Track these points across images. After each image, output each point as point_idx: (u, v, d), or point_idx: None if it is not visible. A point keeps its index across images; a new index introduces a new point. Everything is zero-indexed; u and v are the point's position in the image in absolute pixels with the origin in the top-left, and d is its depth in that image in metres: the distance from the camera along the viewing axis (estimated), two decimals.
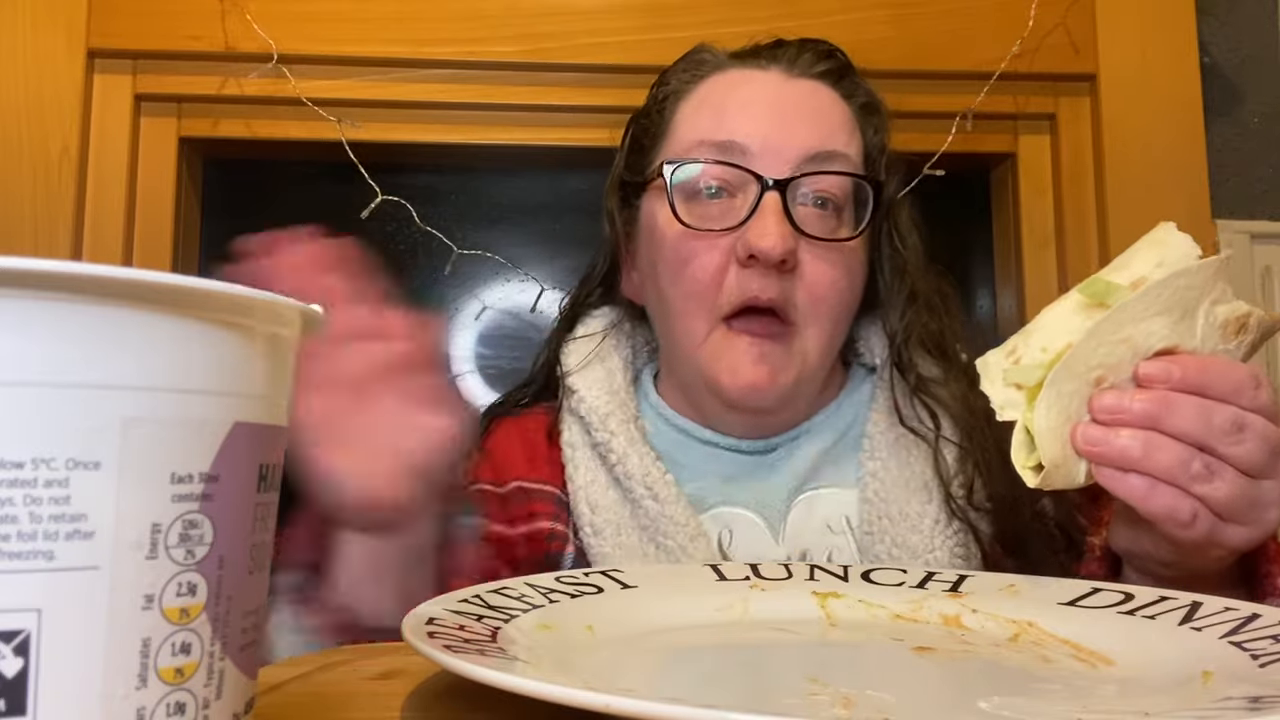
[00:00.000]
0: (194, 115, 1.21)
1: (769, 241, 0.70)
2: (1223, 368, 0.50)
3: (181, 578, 0.24)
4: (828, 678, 0.39)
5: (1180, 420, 0.49)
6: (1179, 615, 0.44)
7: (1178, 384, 0.49)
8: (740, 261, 0.72)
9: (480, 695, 0.34)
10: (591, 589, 0.50)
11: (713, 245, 0.73)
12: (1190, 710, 0.32)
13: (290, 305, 0.27)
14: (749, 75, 0.79)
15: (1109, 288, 0.50)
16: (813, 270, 0.73)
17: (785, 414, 0.78)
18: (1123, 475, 0.49)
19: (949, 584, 0.53)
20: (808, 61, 0.79)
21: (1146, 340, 0.49)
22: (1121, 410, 0.49)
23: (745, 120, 0.75)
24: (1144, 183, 1.23)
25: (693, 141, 0.76)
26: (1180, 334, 0.50)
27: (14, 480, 0.22)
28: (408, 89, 1.20)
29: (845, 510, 0.76)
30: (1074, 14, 1.23)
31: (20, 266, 0.22)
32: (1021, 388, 0.50)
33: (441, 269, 1.22)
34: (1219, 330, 0.50)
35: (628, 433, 0.77)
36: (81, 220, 1.16)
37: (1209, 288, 0.50)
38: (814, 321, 0.74)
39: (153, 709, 0.23)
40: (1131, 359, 0.49)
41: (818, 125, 0.76)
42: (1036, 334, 0.51)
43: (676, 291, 0.75)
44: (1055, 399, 0.49)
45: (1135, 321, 0.49)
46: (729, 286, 0.73)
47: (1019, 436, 0.50)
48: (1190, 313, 0.50)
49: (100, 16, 1.16)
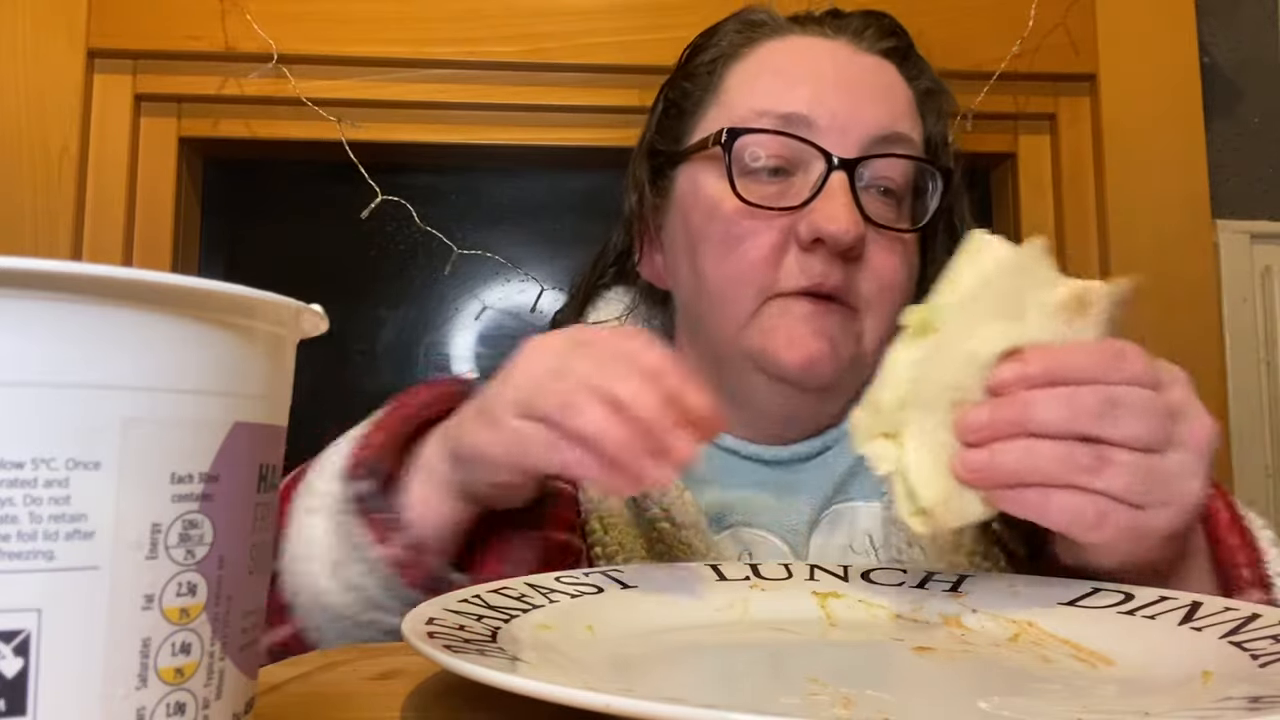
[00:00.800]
0: (194, 115, 1.21)
1: (839, 225, 0.64)
2: (1075, 349, 0.46)
3: (181, 578, 0.24)
4: (828, 678, 0.39)
5: (1046, 415, 0.45)
6: (1179, 615, 0.44)
7: (1034, 380, 0.45)
8: (802, 245, 0.66)
9: (480, 695, 0.34)
10: (591, 589, 0.50)
11: (771, 224, 0.67)
12: (1190, 710, 0.32)
13: (290, 305, 0.27)
14: (813, 43, 0.73)
15: (932, 311, 0.47)
16: (878, 259, 0.68)
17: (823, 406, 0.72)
18: (1015, 493, 0.45)
19: (949, 584, 0.53)
20: (874, 35, 0.73)
21: (989, 348, 0.46)
22: (984, 425, 0.45)
23: (813, 91, 0.69)
24: (1144, 183, 1.23)
25: (751, 110, 0.70)
26: (1020, 333, 0.47)
27: (14, 480, 0.22)
28: (408, 89, 1.20)
29: (868, 526, 0.71)
30: (1074, 14, 1.23)
31: (20, 266, 0.22)
32: (890, 436, 0.48)
33: (441, 269, 1.22)
34: (1057, 316, 0.47)
35: None
36: (81, 220, 1.16)
37: (1030, 277, 0.47)
38: (877, 310, 0.69)
39: (153, 709, 0.23)
40: (981, 373, 0.47)
41: (886, 104, 0.70)
42: (886, 383, 0.48)
43: (722, 273, 0.69)
44: (921, 436, 0.47)
45: (969, 335, 0.46)
46: (788, 269, 0.67)
47: (899, 488, 0.48)
48: (1020, 308, 0.47)
49: (100, 16, 1.16)
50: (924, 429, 0.47)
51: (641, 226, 0.78)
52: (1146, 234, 1.22)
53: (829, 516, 0.72)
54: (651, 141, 0.78)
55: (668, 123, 0.77)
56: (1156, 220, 1.22)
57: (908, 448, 0.47)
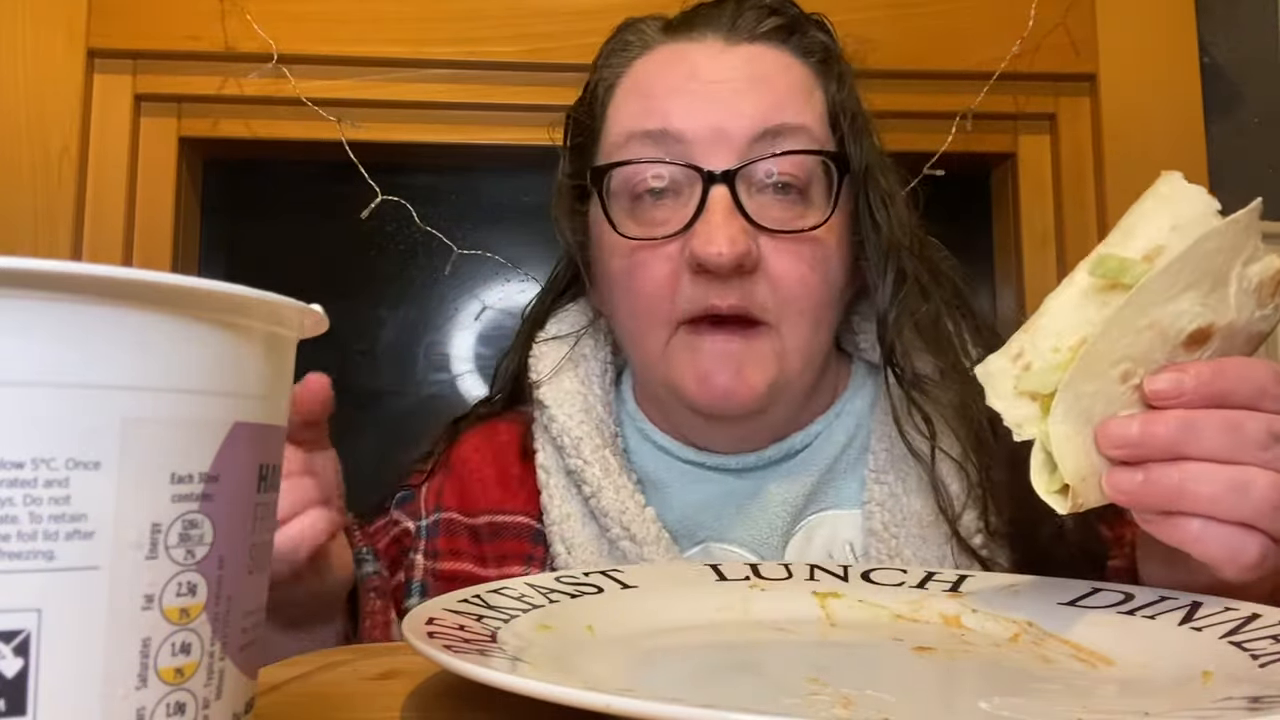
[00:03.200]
0: (194, 115, 1.21)
1: (714, 247, 0.61)
2: (1240, 370, 0.43)
3: (181, 578, 0.24)
4: (828, 678, 0.39)
5: (1210, 443, 0.41)
6: (1179, 615, 0.44)
7: (1192, 397, 0.42)
8: (691, 270, 0.63)
9: (480, 695, 0.34)
10: (591, 589, 0.50)
11: (659, 253, 0.64)
12: (1190, 710, 0.32)
13: (290, 305, 0.27)
14: (680, 50, 0.68)
15: (1122, 264, 0.42)
16: (777, 266, 0.64)
17: (771, 420, 0.69)
18: (1171, 521, 0.42)
19: (949, 584, 0.53)
20: (749, 21, 0.68)
21: (1176, 322, 0.42)
22: (1134, 441, 0.42)
23: (678, 103, 0.65)
24: (1144, 183, 1.21)
25: (623, 135, 0.67)
26: (1214, 308, 0.42)
27: (14, 480, 0.22)
28: (408, 89, 1.20)
29: (848, 535, 0.68)
30: (1074, 14, 1.23)
31: (20, 266, 0.22)
32: (1036, 397, 0.43)
33: (441, 269, 1.22)
34: (1254, 295, 0.43)
35: (603, 461, 0.69)
36: (81, 220, 1.16)
37: (1240, 247, 0.42)
38: (788, 319, 0.65)
39: (153, 709, 0.23)
40: (1161, 345, 0.42)
41: (764, 97, 0.65)
42: (1044, 330, 0.44)
43: (628, 305, 0.67)
44: (1074, 403, 0.42)
45: (1160, 303, 0.41)
46: (682, 296, 0.64)
47: (1038, 456, 0.43)
48: (1222, 281, 0.42)
49: (100, 16, 1.16)
50: (1079, 394, 0.42)
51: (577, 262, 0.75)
52: None
53: (804, 528, 0.69)
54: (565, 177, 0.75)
55: (573, 157, 0.75)
56: None
57: (1055, 414, 0.42)
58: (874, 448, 0.70)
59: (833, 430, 0.72)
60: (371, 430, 1.21)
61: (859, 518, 0.69)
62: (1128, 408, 0.43)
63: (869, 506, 0.68)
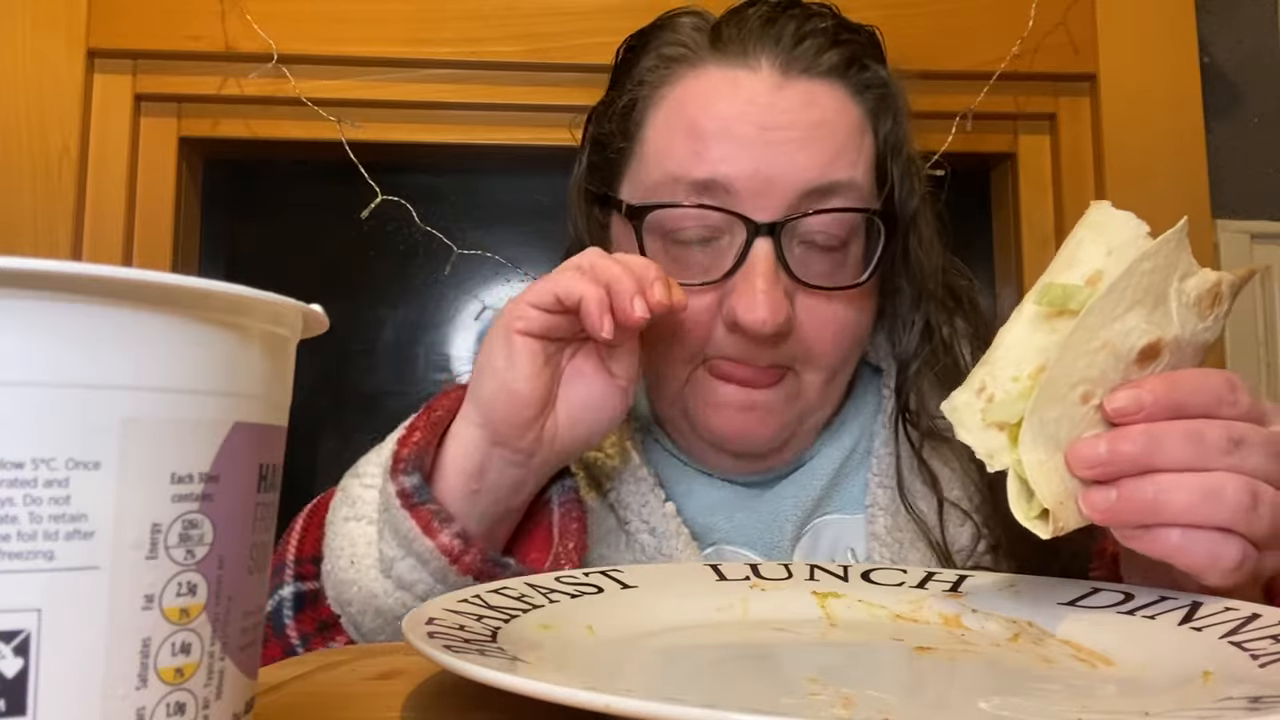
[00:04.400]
0: (194, 115, 1.21)
1: (757, 316, 0.60)
2: (1193, 380, 0.44)
3: (181, 578, 0.24)
4: (828, 678, 0.39)
5: (1174, 452, 0.42)
6: (1179, 615, 0.44)
7: (1152, 411, 0.43)
8: (727, 326, 0.63)
9: (480, 695, 0.34)
10: (591, 589, 0.50)
11: (696, 296, 0.63)
12: (1190, 710, 0.32)
13: (290, 305, 0.27)
14: (732, 79, 0.64)
15: (1066, 291, 0.44)
16: (811, 322, 0.64)
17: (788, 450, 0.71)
18: (1151, 534, 0.43)
19: (949, 584, 0.53)
20: (809, 52, 0.64)
21: (1126, 340, 0.43)
22: (1103, 460, 0.43)
23: (729, 150, 0.62)
24: (1144, 183, 1.23)
25: (666, 175, 0.64)
26: (1158, 323, 0.44)
27: (14, 480, 0.22)
28: (408, 89, 1.20)
29: (850, 541, 0.69)
30: (1074, 14, 1.23)
31: (20, 266, 0.22)
32: (1004, 427, 0.44)
33: (441, 269, 1.22)
34: (1194, 308, 0.45)
35: (623, 454, 0.69)
36: (81, 220, 1.16)
37: (1175, 264, 0.44)
38: (818, 363, 0.66)
39: (153, 709, 0.23)
40: (1115, 365, 0.44)
41: (821, 150, 0.63)
42: (1001, 361, 0.45)
43: (654, 340, 0.64)
44: (1040, 429, 0.43)
45: (1108, 323, 0.43)
46: (714, 345, 0.64)
47: (1014, 485, 0.44)
48: (1162, 297, 0.44)
49: (100, 16, 1.16)
50: (1044, 420, 0.43)
51: None
52: None
53: (811, 531, 0.70)
54: (583, 181, 0.73)
55: (596, 161, 0.72)
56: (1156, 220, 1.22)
57: (1024, 442, 0.43)
58: (877, 451, 0.71)
59: (839, 438, 0.73)
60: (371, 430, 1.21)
61: (862, 522, 0.70)
62: (1092, 428, 0.44)
63: (871, 510, 0.70)
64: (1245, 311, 1.27)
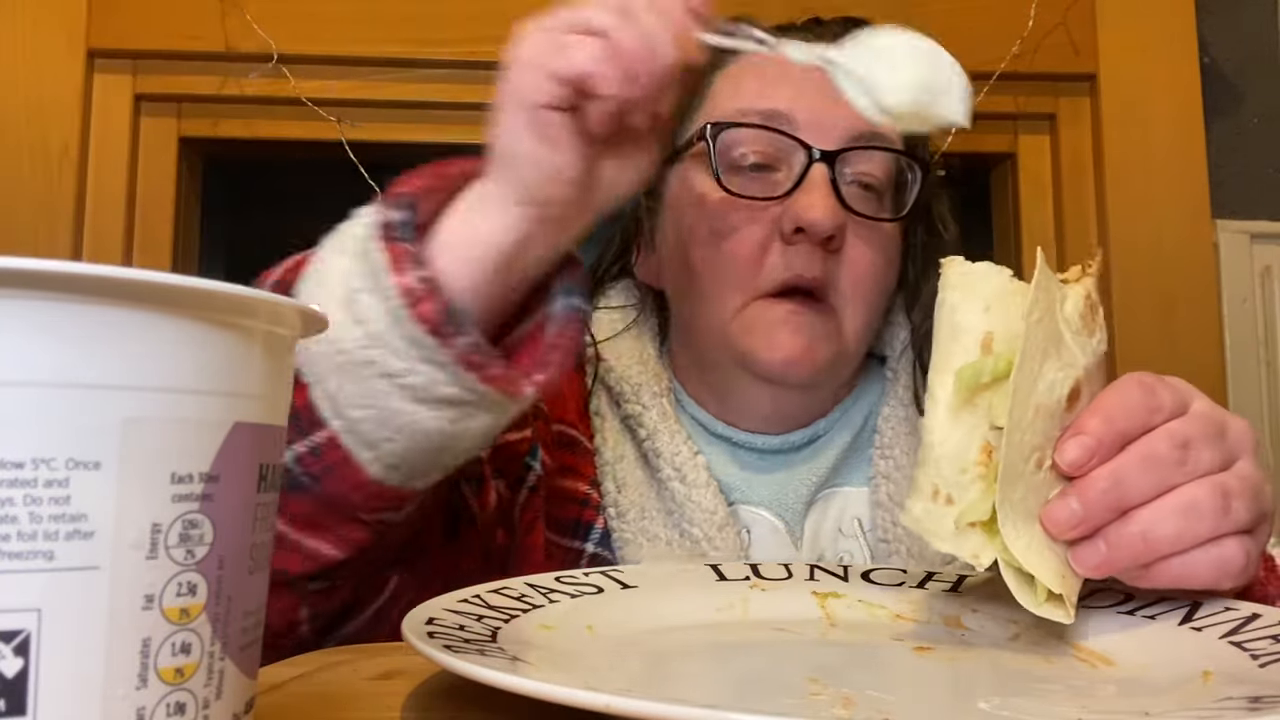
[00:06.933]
0: (194, 115, 1.21)
1: (818, 213, 0.66)
2: (1120, 402, 0.44)
3: (181, 578, 0.24)
4: (828, 678, 0.39)
5: (1139, 481, 0.43)
6: (1179, 615, 0.44)
7: (1103, 452, 0.43)
8: (784, 237, 0.68)
9: (480, 695, 0.34)
10: (591, 589, 0.50)
11: (754, 218, 0.69)
12: (1190, 710, 0.32)
13: (290, 305, 0.27)
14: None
15: (974, 368, 0.44)
16: (856, 251, 0.70)
17: (809, 401, 0.75)
18: (1151, 570, 0.43)
19: (949, 584, 0.53)
20: None
21: (1052, 395, 0.43)
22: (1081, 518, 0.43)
23: (794, 90, 0.71)
24: (1144, 183, 1.23)
25: (734, 109, 0.72)
26: (1069, 363, 0.44)
27: (14, 480, 0.22)
28: (408, 89, 1.20)
29: (856, 511, 0.74)
30: (1074, 14, 1.23)
31: (20, 266, 0.22)
32: (975, 524, 0.43)
33: None
34: (1083, 331, 0.45)
35: (660, 407, 0.74)
36: (81, 220, 1.16)
37: (1052, 300, 0.44)
38: (853, 304, 0.71)
39: (153, 709, 0.23)
40: (1052, 421, 0.44)
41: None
42: (941, 459, 0.44)
43: (711, 267, 0.71)
44: (1011, 513, 0.43)
45: (1033, 389, 0.43)
46: (771, 264, 0.69)
47: (1010, 577, 0.43)
48: (1058, 336, 0.44)
49: (100, 16, 1.16)
50: (1013, 504, 0.43)
51: (636, 228, 0.80)
52: (1146, 234, 1.22)
53: (821, 499, 0.75)
54: None
55: None
56: (1156, 220, 1.22)
57: (1006, 534, 0.42)
58: (880, 427, 0.76)
59: (850, 416, 0.78)
60: None
61: (867, 494, 0.75)
62: (1053, 487, 0.44)
63: (875, 480, 0.74)
64: (1245, 311, 1.27)
